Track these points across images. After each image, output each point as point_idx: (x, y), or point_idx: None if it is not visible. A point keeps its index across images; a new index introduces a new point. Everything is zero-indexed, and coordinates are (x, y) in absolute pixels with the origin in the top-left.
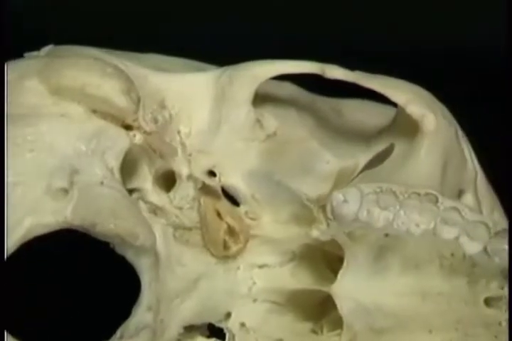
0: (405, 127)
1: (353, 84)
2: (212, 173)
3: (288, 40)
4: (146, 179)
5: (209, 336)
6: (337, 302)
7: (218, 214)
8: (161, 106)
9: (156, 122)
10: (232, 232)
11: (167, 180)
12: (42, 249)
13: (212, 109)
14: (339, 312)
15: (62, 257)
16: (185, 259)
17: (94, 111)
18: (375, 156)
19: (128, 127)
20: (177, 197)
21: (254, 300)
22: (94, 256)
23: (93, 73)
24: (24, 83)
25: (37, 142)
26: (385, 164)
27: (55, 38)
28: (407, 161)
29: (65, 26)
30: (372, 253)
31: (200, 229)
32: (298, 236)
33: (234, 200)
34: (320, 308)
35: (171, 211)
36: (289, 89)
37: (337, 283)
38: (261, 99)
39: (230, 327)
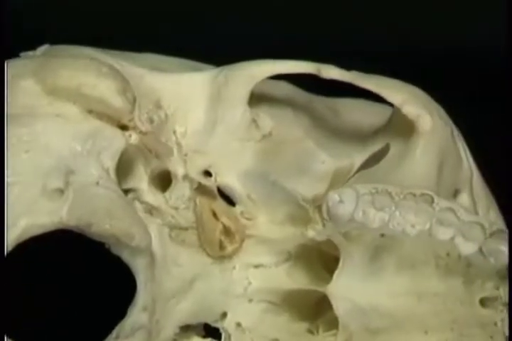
0: (401, 127)
1: (349, 83)
2: (208, 173)
3: (288, 40)
4: (141, 179)
5: (205, 336)
6: (333, 302)
7: (214, 214)
8: (157, 106)
9: (151, 122)
10: (227, 232)
11: (163, 180)
12: (37, 249)
13: (208, 109)
14: (335, 313)
15: (57, 257)
16: (181, 259)
17: (90, 111)
18: (371, 156)
19: (124, 127)
20: (173, 197)
21: (250, 300)
22: (89, 256)
23: (89, 73)
24: (20, 83)
25: (32, 142)
26: (381, 164)
27: (55, 37)
28: (403, 161)
29: (65, 26)
30: (368, 253)
31: (196, 229)
32: (293, 236)
33: (230, 200)
34: (316, 308)
35: (166, 211)
36: (285, 89)
37: (333, 283)
38: (257, 98)
39: (226, 327)
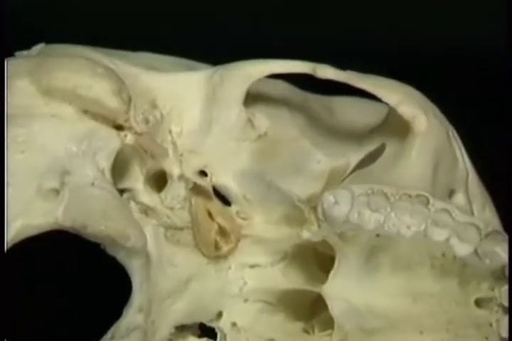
0: (397, 126)
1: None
2: (203, 173)
3: (288, 40)
4: (137, 179)
5: (200, 335)
6: (328, 302)
7: (209, 214)
8: (153, 106)
9: (147, 122)
10: (223, 232)
11: (158, 180)
12: (32, 250)
13: (204, 109)
14: (330, 313)
15: (52, 257)
16: (177, 259)
17: (86, 111)
18: (366, 156)
19: (119, 127)
20: (168, 197)
21: (246, 300)
22: (85, 256)
23: (84, 74)
24: (15, 83)
25: (28, 143)
26: (377, 164)
27: (55, 38)
28: (398, 161)
29: (65, 26)
30: (364, 254)
31: (192, 229)
32: (289, 236)
33: (225, 200)
34: (311, 308)
35: (162, 211)
36: (280, 88)
37: (328, 283)
38: (252, 98)
39: (222, 326)
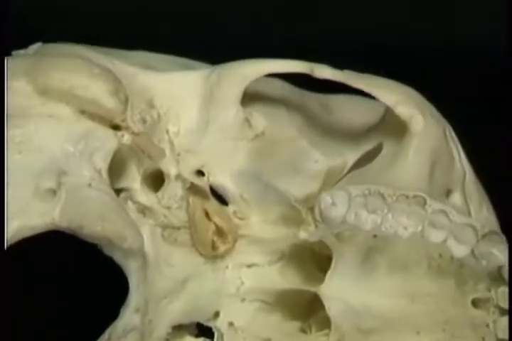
0: (394, 126)
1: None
2: (200, 173)
3: (288, 40)
4: (134, 179)
5: (197, 335)
6: (325, 303)
7: (206, 214)
8: (150, 106)
9: (144, 122)
10: (220, 232)
11: (155, 180)
12: (29, 249)
13: (201, 109)
14: (327, 313)
15: (50, 258)
16: (174, 259)
17: (83, 111)
18: (363, 155)
19: (116, 127)
20: (165, 196)
21: (243, 300)
22: (82, 256)
23: (81, 74)
24: (12, 83)
25: (25, 143)
26: (374, 164)
27: (55, 38)
28: (396, 161)
29: (65, 26)
30: (361, 254)
31: (189, 228)
32: (286, 236)
33: (222, 199)
34: (308, 307)
35: (159, 211)
36: (278, 87)
37: (325, 284)
38: (250, 97)
39: (219, 326)
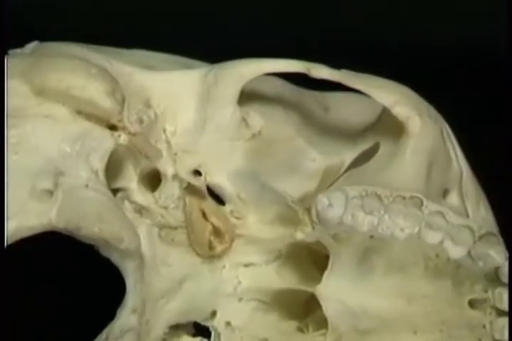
0: (391, 125)
1: None
2: (197, 172)
3: (288, 40)
4: (131, 179)
5: (195, 334)
6: (322, 303)
7: (203, 214)
8: (147, 105)
9: (141, 123)
10: (217, 232)
11: (152, 180)
12: (26, 250)
13: (198, 108)
14: (324, 313)
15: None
16: (171, 259)
17: (79, 112)
18: (360, 154)
19: (113, 127)
20: (162, 196)
21: (240, 299)
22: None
23: (78, 75)
24: (9, 84)
25: (22, 144)
26: (370, 163)
27: (55, 38)
28: (393, 161)
29: (65, 26)
30: (358, 255)
31: (186, 228)
32: (283, 236)
33: (219, 199)
34: (305, 306)
35: (156, 210)
36: (275, 85)
37: (322, 284)
38: (247, 96)
39: (216, 325)
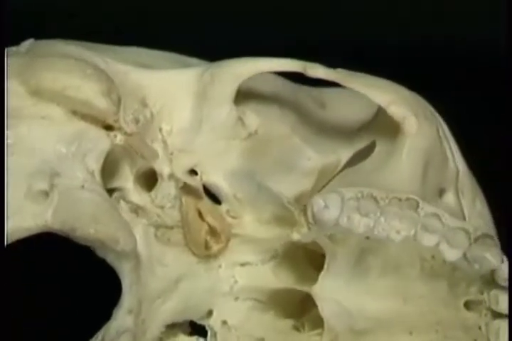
0: (387, 123)
1: None
2: (193, 172)
3: (288, 40)
4: (127, 178)
5: (191, 333)
6: (318, 303)
7: (200, 213)
8: (143, 105)
9: (137, 123)
10: (213, 232)
11: (148, 179)
12: (23, 250)
13: (194, 108)
14: (320, 314)
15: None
16: (167, 259)
17: (75, 112)
18: (356, 153)
19: (109, 127)
20: (158, 196)
21: (236, 298)
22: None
23: (73, 75)
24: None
25: (17, 145)
26: (366, 163)
27: (55, 37)
28: (389, 161)
29: (65, 26)
30: (354, 255)
31: (182, 228)
32: (279, 235)
33: (216, 198)
34: (301, 305)
35: (152, 210)
36: (271, 82)
37: (318, 284)
38: (243, 94)
39: (212, 324)
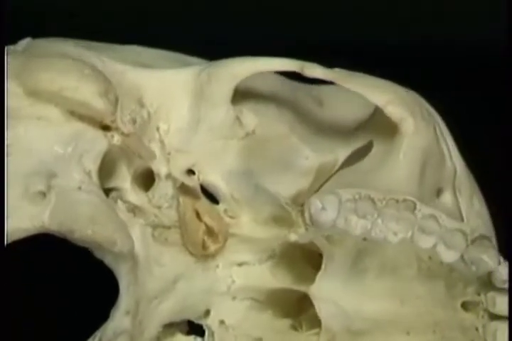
0: (384, 122)
1: None
2: (191, 172)
3: (288, 40)
4: (124, 178)
5: (188, 332)
6: (315, 304)
7: (197, 213)
8: (140, 105)
9: (134, 123)
10: (210, 232)
11: (146, 179)
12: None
13: (191, 107)
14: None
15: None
16: (164, 259)
17: (72, 113)
18: (354, 152)
19: (106, 128)
20: (156, 196)
21: (234, 298)
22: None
23: (70, 75)
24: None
25: (14, 146)
26: (364, 162)
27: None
28: (386, 161)
29: (65, 26)
30: (351, 256)
31: (179, 228)
32: (277, 236)
33: (213, 197)
34: (299, 304)
35: (149, 210)
36: (269, 80)
37: (315, 285)
38: (241, 93)
39: (210, 324)
